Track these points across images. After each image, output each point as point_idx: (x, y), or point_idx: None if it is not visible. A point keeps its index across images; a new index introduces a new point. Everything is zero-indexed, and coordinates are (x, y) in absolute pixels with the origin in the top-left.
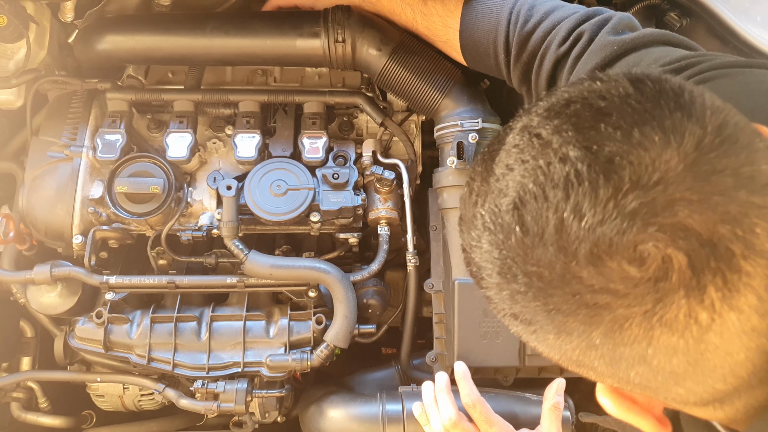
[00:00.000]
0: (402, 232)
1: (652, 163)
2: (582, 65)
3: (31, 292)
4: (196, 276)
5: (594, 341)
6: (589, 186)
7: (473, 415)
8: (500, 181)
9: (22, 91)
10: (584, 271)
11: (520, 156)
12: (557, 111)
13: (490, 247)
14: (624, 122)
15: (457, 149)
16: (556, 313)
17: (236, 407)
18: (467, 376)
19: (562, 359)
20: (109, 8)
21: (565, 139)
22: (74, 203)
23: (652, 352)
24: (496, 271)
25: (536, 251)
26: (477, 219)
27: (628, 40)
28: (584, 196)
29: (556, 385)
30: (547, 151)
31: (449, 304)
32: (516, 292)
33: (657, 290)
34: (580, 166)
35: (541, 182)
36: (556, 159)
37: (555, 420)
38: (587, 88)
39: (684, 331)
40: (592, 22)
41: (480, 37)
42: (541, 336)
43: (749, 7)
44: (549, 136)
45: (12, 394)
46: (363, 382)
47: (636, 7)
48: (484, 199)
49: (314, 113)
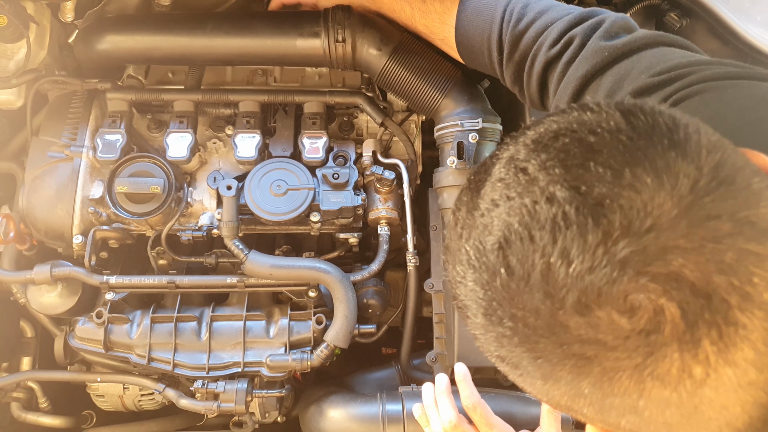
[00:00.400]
0: (402, 232)
1: (644, 208)
2: (573, 71)
3: (31, 292)
4: (196, 276)
5: (582, 390)
6: (578, 230)
7: (473, 418)
8: (485, 217)
9: (22, 91)
10: (572, 320)
11: (505, 192)
12: (545, 144)
13: (474, 285)
14: (614, 161)
15: (457, 149)
16: (543, 361)
17: (236, 407)
18: (468, 378)
19: (550, 402)
20: (109, 8)
21: (552, 178)
22: (74, 203)
23: (643, 404)
24: (481, 312)
25: (522, 296)
26: (462, 253)
27: (620, 46)
28: (572, 241)
29: None
30: (533, 189)
31: (449, 304)
32: (501, 335)
33: (648, 343)
34: (568, 208)
35: (527, 223)
36: (543, 199)
37: (554, 421)
38: (577, 120)
39: (677, 386)
40: (585, 25)
41: (474, 34)
42: (528, 380)
43: (749, 7)
44: (535, 172)
45: (12, 394)
46: (363, 382)
47: (636, 7)
48: (469, 233)
49: (314, 113)
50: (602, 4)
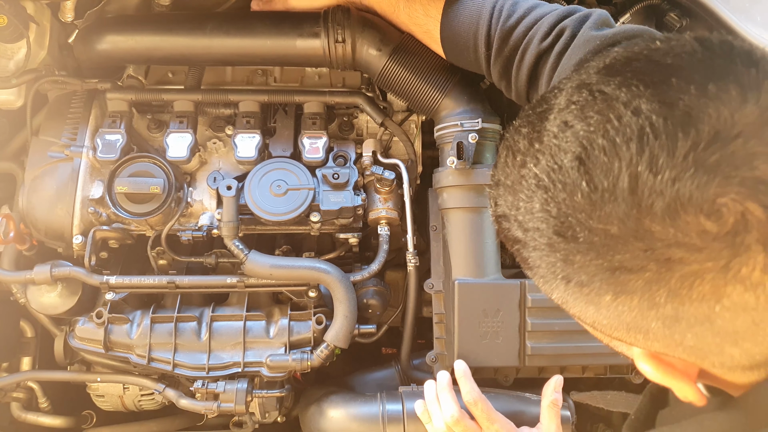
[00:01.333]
0: (402, 232)
1: (731, 117)
2: (566, 60)
3: (31, 292)
4: (196, 276)
5: (657, 300)
6: (667, 139)
7: (475, 413)
8: (558, 138)
9: (22, 91)
10: (658, 226)
11: (580, 112)
12: (617, 69)
13: (545, 206)
14: (698, 76)
15: (457, 149)
16: (621, 271)
17: (236, 407)
18: (468, 374)
19: (611, 323)
20: (109, 8)
21: (635, 93)
22: (74, 203)
23: (719, 309)
24: (552, 231)
25: (606, 207)
26: (527, 179)
27: (610, 35)
28: (661, 150)
29: (554, 382)
30: (616, 105)
31: (449, 304)
32: (574, 251)
33: (734, 244)
34: (655, 119)
35: (612, 136)
36: (628, 112)
37: (554, 417)
38: (647, 48)
39: (757, 288)
40: (573, 18)
41: (461, 29)
42: (595, 298)
43: (749, 7)
44: (614, 91)
45: (12, 394)
46: (363, 382)
47: (636, 7)
48: (536, 158)
49: (314, 113)
50: (602, 4)
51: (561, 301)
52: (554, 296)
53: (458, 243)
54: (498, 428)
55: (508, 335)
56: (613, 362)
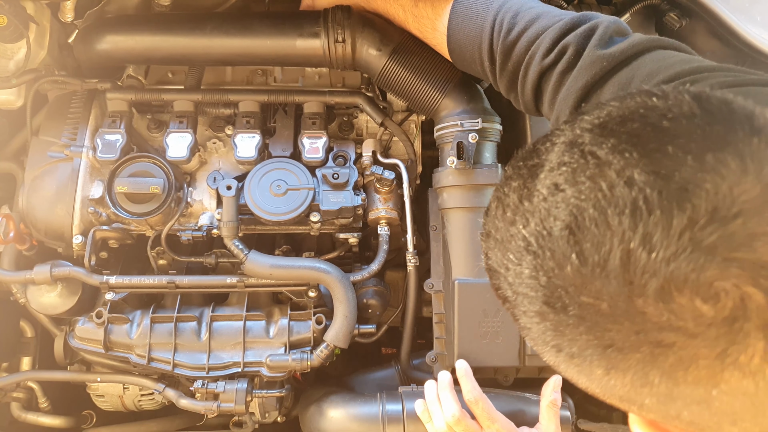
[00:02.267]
0: (402, 232)
1: (730, 193)
2: (572, 82)
3: (31, 292)
4: (196, 276)
5: (650, 380)
6: (661, 215)
7: (475, 412)
8: (547, 201)
9: (22, 91)
10: (651, 308)
11: (572, 176)
12: (611, 129)
13: (534, 272)
14: (695, 146)
15: (457, 149)
16: (612, 350)
17: (236, 407)
18: (469, 373)
19: (603, 393)
20: (109, 8)
21: (628, 161)
22: (74, 203)
23: (716, 393)
24: (540, 300)
25: (596, 282)
26: (516, 240)
27: (617, 54)
28: (655, 226)
29: (553, 382)
30: (607, 172)
31: (449, 304)
32: (564, 323)
33: (732, 331)
34: (649, 192)
35: (603, 207)
36: (620, 182)
37: (553, 417)
38: (643, 105)
39: (756, 374)
40: (577, 33)
41: (465, 43)
42: (586, 370)
43: (749, 7)
44: (607, 156)
45: (12, 394)
46: (363, 382)
47: (636, 7)
48: (526, 219)
49: (314, 113)
50: (602, 4)
51: (553, 365)
52: (545, 359)
53: (458, 243)
54: (499, 428)
55: (508, 335)
56: None
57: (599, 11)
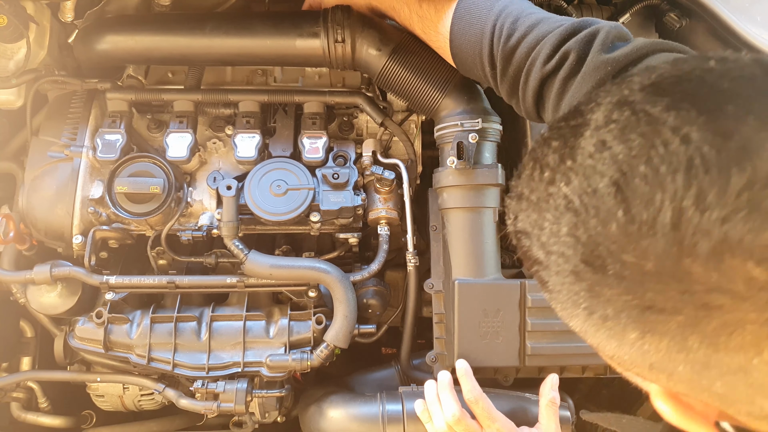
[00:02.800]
0: (402, 232)
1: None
2: (577, 88)
3: (31, 292)
4: (196, 276)
5: (689, 345)
6: (718, 174)
7: (475, 411)
8: (594, 158)
9: (22, 91)
10: (700, 268)
11: (621, 133)
12: (665, 89)
13: (573, 230)
14: (757, 105)
15: (457, 149)
16: (652, 311)
17: (236, 407)
18: (469, 373)
19: (632, 360)
20: (109, 8)
21: (685, 119)
22: (74, 203)
23: (757, 362)
24: (579, 258)
25: (642, 241)
26: (555, 198)
27: (621, 58)
28: (711, 185)
29: (550, 381)
30: (662, 129)
31: (449, 304)
32: (601, 283)
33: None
34: (707, 150)
35: (655, 164)
36: (676, 139)
37: (553, 416)
38: (699, 68)
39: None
40: (578, 39)
41: (467, 48)
42: (618, 334)
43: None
44: (661, 113)
45: (12, 394)
46: (363, 382)
47: (636, 7)
48: (567, 177)
49: (314, 113)
50: (602, 4)
51: (579, 331)
52: (572, 324)
53: (458, 243)
54: (499, 427)
55: (508, 335)
56: None
57: (599, 11)
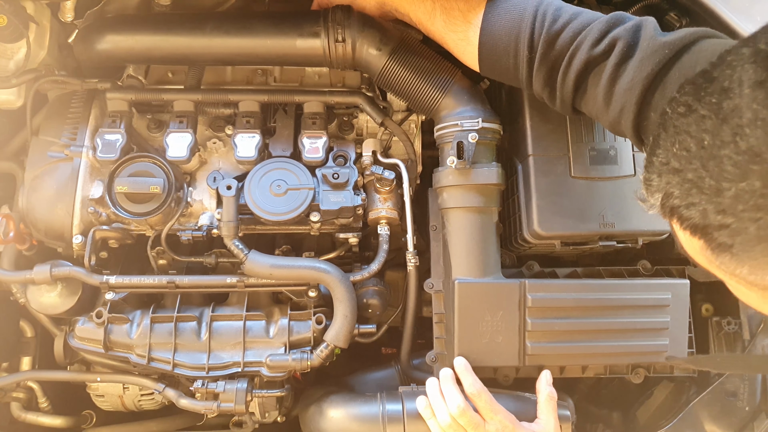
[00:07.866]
0: (402, 232)
1: None
2: (637, 72)
3: (31, 292)
4: (196, 276)
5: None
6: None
7: (478, 404)
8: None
9: (22, 91)
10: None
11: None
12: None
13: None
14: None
15: (457, 149)
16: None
17: (236, 407)
18: (468, 368)
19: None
20: (109, 8)
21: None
22: (74, 203)
23: None
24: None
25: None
26: (732, 158)
27: (677, 41)
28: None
29: (545, 377)
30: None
31: (449, 303)
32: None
33: None
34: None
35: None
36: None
37: (552, 411)
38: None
39: None
40: (625, 27)
41: (502, 34)
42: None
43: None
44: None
45: (12, 394)
46: (363, 382)
47: (635, 7)
48: (738, 134)
49: (314, 113)
50: (602, 4)
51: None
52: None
53: (458, 243)
54: (501, 419)
55: (508, 335)
56: (613, 362)
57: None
